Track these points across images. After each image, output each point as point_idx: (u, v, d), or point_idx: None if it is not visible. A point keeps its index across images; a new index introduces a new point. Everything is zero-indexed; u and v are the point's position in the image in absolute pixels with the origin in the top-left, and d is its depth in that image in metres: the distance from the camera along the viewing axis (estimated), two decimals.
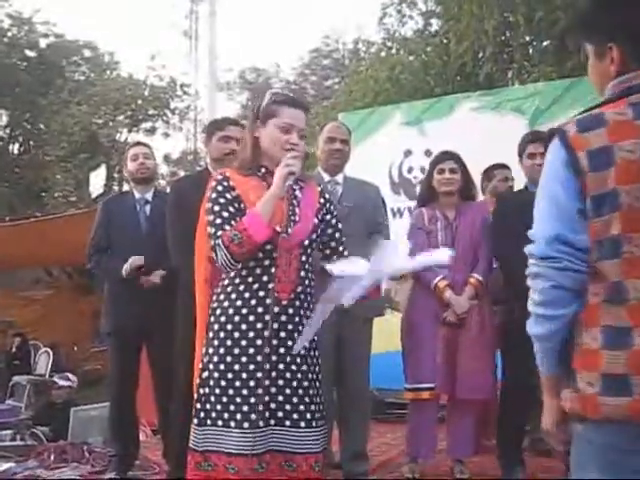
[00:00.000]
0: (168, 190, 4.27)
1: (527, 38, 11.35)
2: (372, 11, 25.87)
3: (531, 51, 11.44)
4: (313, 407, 2.50)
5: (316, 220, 2.58)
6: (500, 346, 3.93)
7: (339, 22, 34.38)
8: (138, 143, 4.61)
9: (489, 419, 4.05)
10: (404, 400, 4.21)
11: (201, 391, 2.50)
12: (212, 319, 2.52)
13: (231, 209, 2.46)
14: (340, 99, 13.16)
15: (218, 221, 2.44)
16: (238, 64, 27.91)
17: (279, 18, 39.14)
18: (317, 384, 2.54)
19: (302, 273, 2.50)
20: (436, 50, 12.01)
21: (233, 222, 2.43)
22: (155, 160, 4.41)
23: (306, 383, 2.50)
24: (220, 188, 2.49)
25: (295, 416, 2.45)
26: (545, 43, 11.10)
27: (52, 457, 4.42)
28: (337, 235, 2.70)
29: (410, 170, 6.71)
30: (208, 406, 2.47)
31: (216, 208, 2.46)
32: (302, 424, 2.46)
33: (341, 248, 2.70)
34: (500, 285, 3.89)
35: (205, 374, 2.49)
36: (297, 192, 2.59)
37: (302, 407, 2.47)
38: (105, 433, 4.67)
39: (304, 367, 2.50)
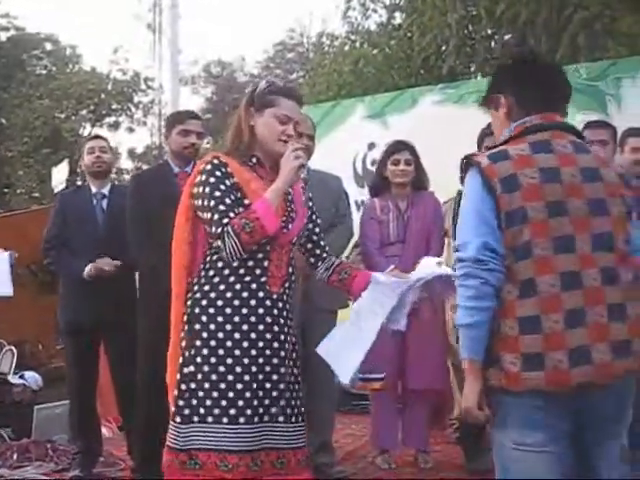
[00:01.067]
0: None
1: (489, 31, 11.44)
2: (336, 4, 25.84)
3: (493, 44, 11.54)
4: (299, 402, 2.52)
5: (307, 217, 2.62)
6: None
7: (304, 16, 34.24)
8: (95, 137, 4.57)
9: (443, 408, 4.08)
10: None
11: (183, 387, 2.42)
12: (197, 310, 2.43)
13: (232, 196, 2.41)
14: (304, 92, 13.13)
15: (222, 207, 2.38)
16: (203, 57, 27.67)
17: (244, 11, 38.93)
18: (299, 379, 2.57)
19: (290, 268, 2.53)
20: (399, 43, 12.06)
21: (236, 210, 2.38)
22: (112, 154, 4.36)
23: (292, 378, 2.51)
24: (218, 173, 2.43)
25: (288, 411, 2.45)
26: (507, 37, 11.20)
27: (15, 456, 4.37)
28: (317, 230, 2.71)
29: (374, 163, 6.67)
30: (194, 402, 2.39)
31: (217, 194, 2.39)
32: (293, 419, 2.47)
33: (322, 243, 2.71)
34: None
35: (191, 368, 2.41)
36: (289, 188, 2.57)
37: (293, 402, 2.48)
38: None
39: (291, 362, 2.52)
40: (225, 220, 2.36)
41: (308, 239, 2.67)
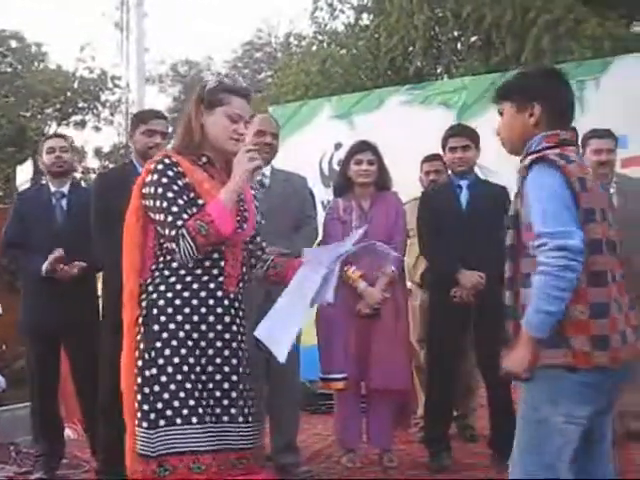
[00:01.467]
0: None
1: (455, 33, 11.56)
2: (304, 5, 25.88)
3: (459, 46, 11.66)
4: (254, 402, 2.50)
5: (258, 215, 2.61)
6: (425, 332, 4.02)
7: (272, 16, 34.21)
8: (54, 135, 4.51)
9: (406, 408, 4.10)
10: None
11: (147, 390, 2.35)
12: (155, 311, 2.39)
13: (184, 197, 2.37)
14: (271, 92, 13.14)
15: (175, 209, 2.34)
16: (170, 57, 27.50)
17: (212, 11, 38.75)
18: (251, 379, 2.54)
19: (244, 268, 2.51)
20: (367, 44, 12.12)
21: (189, 211, 2.35)
22: (73, 153, 4.30)
23: (234, 377, 2.45)
24: (170, 173, 2.37)
25: (246, 411, 2.43)
26: (473, 39, 11.32)
27: None
28: (257, 228, 2.69)
29: (340, 163, 6.75)
30: (160, 405, 2.32)
31: (169, 194, 2.35)
32: (250, 419, 2.45)
33: (264, 244, 2.70)
34: None
35: (153, 371, 2.35)
36: None
37: (250, 402, 2.46)
38: None
39: (246, 362, 2.50)
40: (179, 222, 2.32)
41: (252, 238, 2.64)
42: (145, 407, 2.35)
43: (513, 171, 4.80)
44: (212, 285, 2.41)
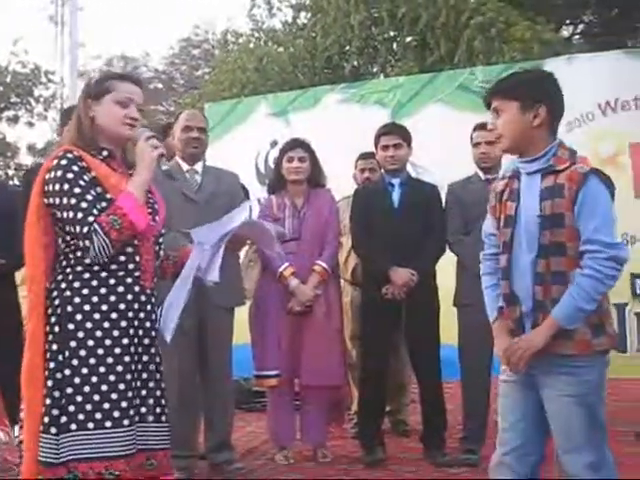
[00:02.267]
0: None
1: (391, 33, 11.67)
2: (242, 2, 25.76)
3: (395, 46, 11.78)
4: (165, 401, 2.42)
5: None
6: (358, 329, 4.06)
7: (209, 12, 33.94)
8: None
9: (340, 404, 4.13)
10: None
11: (57, 394, 2.23)
12: (69, 309, 2.27)
13: (92, 192, 2.28)
14: (208, 89, 13.03)
15: (84, 205, 2.25)
16: (106, 52, 27.01)
17: (150, 6, 38.20)
18: (162, 376, 2.46)
19: (157, 262, 2.46)
20: (304, 43, 12.14)
21: (98, 206, 2.27)
22: None
23: (158, 375, 2.41)
24: (75, 168, 2.28)
25: (158, 410, 2.37)
26: (408, 39, 11.45)
27: None
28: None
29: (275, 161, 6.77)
30: (72, 408, 2.21)
31: (77, 190, 2.25)
32: (163, 418, 2.38)
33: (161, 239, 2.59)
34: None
35: (66, 372, 2.23)
36: None
37: (161, 401, 2.39)
38: None
39: (157, 359, 2.43)
40: (91, 218, 2.25)
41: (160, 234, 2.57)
42: (54, 412, 2.22)
43: (445, 169, 4.93)
44: (129, 280, 2.33)
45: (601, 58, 6.72)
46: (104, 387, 2.24)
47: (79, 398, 2.23)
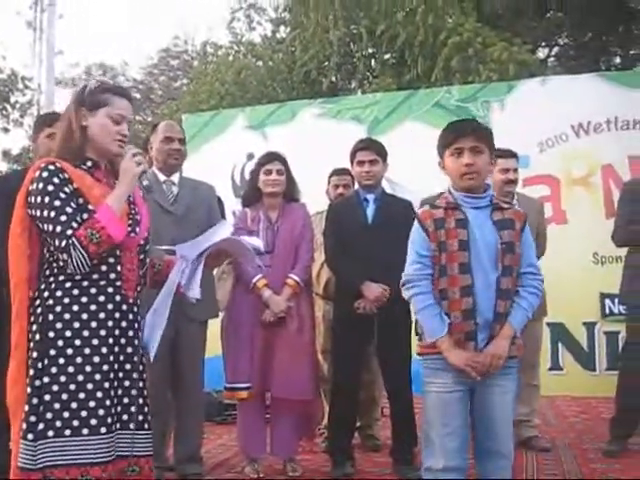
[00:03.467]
0: None
1: (370, 50, 11.78)
2: (222, 14, 25.84)
3: (373, 63, 11.88)
4: (148, 409, 2.44)
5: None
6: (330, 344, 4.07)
7: (189, 24, 33.97)
8: None
9: (311, 418, 4.13)
10: None
11: (35, 401, 2.24)
12: (50, 317, 2.29)
13: (72, 204, 2.29)
14: (186, 100, 13.03)
15: (63, 218, 2.26)
16: (85, 60, 26.85)
17: (129, 16, 38.08)
18: (145, 384, 2.49)
19: (141, 272, 2.47)
20: (283, 57, 12.20)
21: (78, 219, 2.28)
22: None
23: (141, 384, 2.43)
24: (57, 180, 2.29)
25: (140, 418, 2.38)
26: (386, 56, 11.56)
27: None
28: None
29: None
30: (49, 415, 2.23)
31: (57, 203, 2.26)
32: (145, 426, 2.40)
33: (148, 246, 2.59)
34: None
35: (45, 380, 2.25)
36: None
37: (144, 409, 2.41)
38: None
39: (141, 367, 2.44)
40: (69, 232, 2.26)
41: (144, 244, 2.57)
42: (32, 418, 2.24)
43: (420, 186, 4.96)
44: (111, 289, 2.35)
45: (575, 80, 6.87)
46: (82, 395, 2.26)
47: (57, 405, 2.25)
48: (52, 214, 2.27)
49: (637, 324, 4.21)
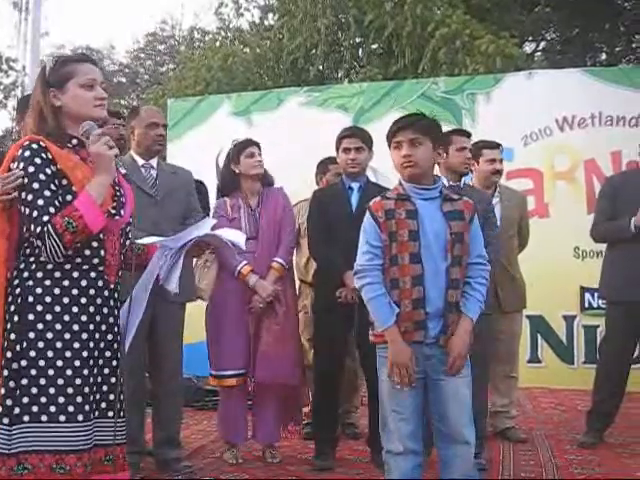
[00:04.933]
0: None
1: (357, 40, 11.75)
2: (210, 0, 25.68)
3: (360, 52, 11.86)
4: (123, 396, 2.41)
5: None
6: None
7: (177, 8, 33.73)
8: None
9: (296, 404, 4.13)
10: None
11: (12, 384, 2.20)
12: (30, 299, 2.23)
13: (52, 187, 2.22)
14: (172, 85, 12.95)
15: (40, 202, 2.19)
16: (71, 42, 26.56)
17: None
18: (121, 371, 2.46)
19: (121, 256, 2.43)
20: (270, 44, 12.15)
21: (57, 202, 2.21)
22: None
23: (119, 371, 2.40)
24: (38, 161, 2.21)
25: (118, 406, 2.34)
26: (374, 46, 11.54)
27: None
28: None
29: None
30: (26, 400, 2.19)
31: (35, 186, 2.20)
32: (122, 414, 2.37)
33: (129, 229, 2.54)
34: None
35: (22, 363, 2.20)
36: None
37: (121, 396, 2.38)
38: None
39: (119, 354, 2.41)
40: (45, 218, 2.19)
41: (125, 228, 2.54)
42: (8, 402, 2.20)
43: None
44: (93, 274, 2.31)
45: (561, 75, 6.89)
46: (60, 381, 2.21)
47: (34, 390, 2.20)
48: (29, 197, 2.22)
49: (614, 318, 4.26)
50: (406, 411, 2.58)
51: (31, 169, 2.23)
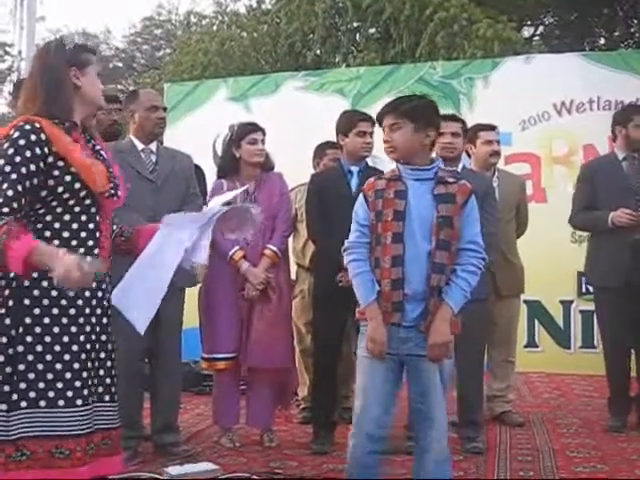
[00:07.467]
0: None
1: (355, 24, 11.69)
2: None
3: (358, 37, 11.80)
4: (117, 379, 2.41)
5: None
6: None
7: None
8: None
9: (287, 388, 4.14)
10: None
11: (9, 370, 2.16)
12: (27, 283, 2.19)
13: (34, 180, 2.16)
14: (169, 70, 12.89)
15: (10, 193, 2.12)
16: (67, 27, 26.38)
17: None
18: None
19: (111, 239, 2.41)
20: (267, 28, 12.09)
21: (23, 201, 2.14)
22: None
23: (114, 355, 2.39)
24: (22, 142, 2.15)
25: (113, 389, 2.35)
26: (371, 30, 11.49)
27: None
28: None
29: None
30: (23, 385, 2.16)
31: (13, 177, 2.13)
32: (115, 397, 2.37)
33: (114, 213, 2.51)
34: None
35: (19, 348, 2.17)
36: (98, 148, 2.43)
37: (115, 380, 2.38)
38: None
39: (113, 338, 2.40)
40: (5, 210, 2.11)
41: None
42: (5, 388, 2.17)
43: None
44: (89, 258, 2.23)
45: (559, 59, 6.87)
46: (58, 366, 2.19)
47: (31, 375, 2.18)
48: (4, 185, 2.14)
49: (603, 302, 4.28)
50: (373, 393, 2.57)
51: (18, 159, 2.16)
